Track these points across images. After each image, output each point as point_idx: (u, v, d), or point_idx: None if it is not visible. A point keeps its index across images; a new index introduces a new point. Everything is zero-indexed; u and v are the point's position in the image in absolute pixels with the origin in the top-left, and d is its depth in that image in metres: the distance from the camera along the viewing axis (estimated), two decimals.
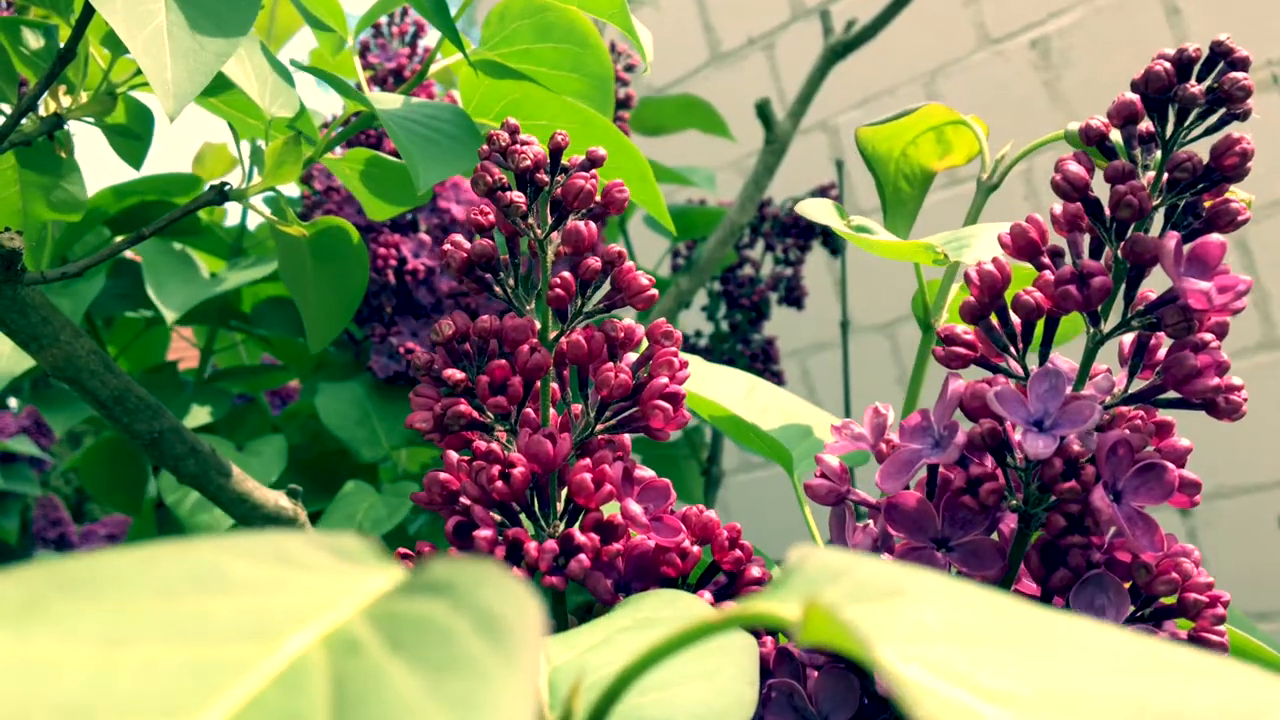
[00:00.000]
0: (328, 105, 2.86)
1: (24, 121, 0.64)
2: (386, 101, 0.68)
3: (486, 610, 0.17)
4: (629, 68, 1.28)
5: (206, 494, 0.60)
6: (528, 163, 0.43)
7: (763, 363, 1.27)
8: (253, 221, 1.69)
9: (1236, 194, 0.48)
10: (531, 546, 0.41)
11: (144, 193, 1.04)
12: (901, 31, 1.44)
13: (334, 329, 0.77)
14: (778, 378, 1.28)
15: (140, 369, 1.15)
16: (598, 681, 0.26)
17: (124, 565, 0.18)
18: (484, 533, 0.41)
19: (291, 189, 1.12)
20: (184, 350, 1.22)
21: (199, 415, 0.99)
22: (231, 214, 1.21)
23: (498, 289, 0.44)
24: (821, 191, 1.29)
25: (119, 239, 0.64)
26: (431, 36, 1.05)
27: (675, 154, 1.61)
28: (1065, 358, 0.41)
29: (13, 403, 1.43)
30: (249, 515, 0.59)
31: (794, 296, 1.29)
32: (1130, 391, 0.40)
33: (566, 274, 0.43)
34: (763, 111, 1.18)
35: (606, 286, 0.45)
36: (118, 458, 1.08)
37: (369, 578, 0.19)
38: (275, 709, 0.16)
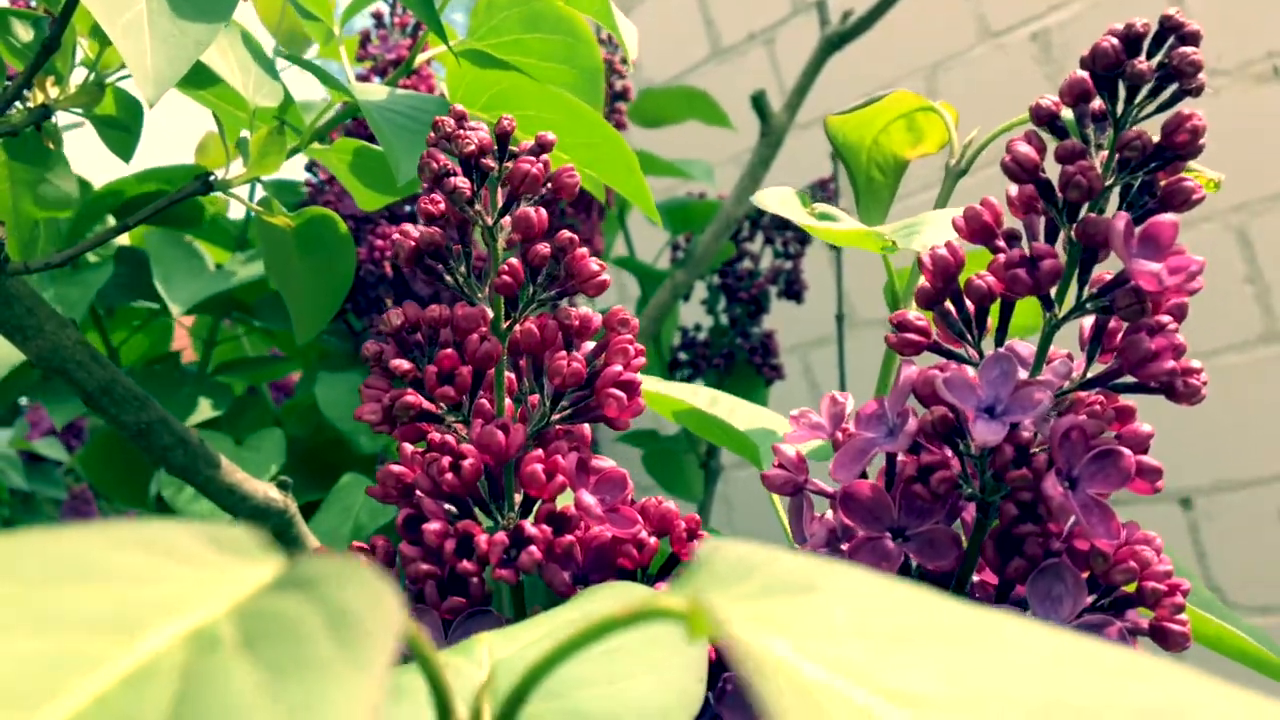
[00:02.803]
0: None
1: (11, 112, 0.64)
2: (370, 92, 0.68)
3: (342, 609, 0.17)
4: (626, 61, 1.28)
5: (195, 485, 0.60)
6: (472, 148, 0.42)
7: (762, 356, 1.27)
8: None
9: (1204, 173, 0.48)
10: (481, 539, 0.40)
11: (151, 183, 1.04)
12: (902, 25, 1.43)
13: (321, 320, 0.77)
14: (777, 371, 1.27)
15: (145, 360, 1.15)
16: (510, 676, 0.25)
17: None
18: (433, 525, 0.40)
19: (294, 172, 1.12)
20: (182, 341, 1.21)
21: (202, 408, 0.99)
22: (236, 207, 1.21)
23: (448, 277, 0.44)
24: (820, 185, 1.28)
25: (113, 227, 0.64)
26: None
27: (675, 147, 1.61)
28: (1024, 343, 0.40)
29: (23, 401, 1.43)
30: (238, 506, 0.59)
31: (793, 290, 1.29)
32: (1088, 376, 0.40)
33: (514, 260, 0.43)
34: (758, 103, 1.18)
35: (560, 273, 0.44)
36: (121, 452, 1.08)
37: (248, 572, 0.19)
38: (117, 709, 0.15)
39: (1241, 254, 1.54)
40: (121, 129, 0.73)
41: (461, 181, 0.43)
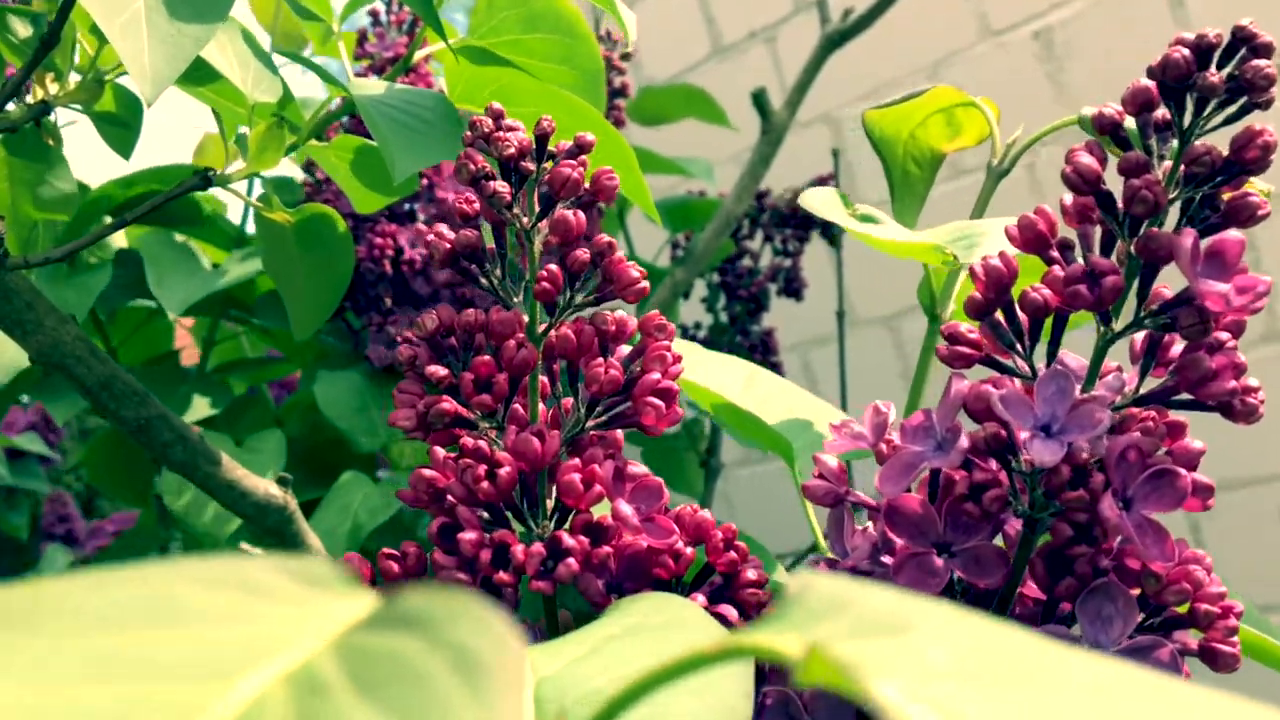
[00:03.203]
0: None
1: (10, 108, 0.64)
2: (367, 88, 0.67)
3: (463, 648, 0.16)
4: (625, 56, 1.27)
5: (195, 481, 0.59)
6: (512, 150, 0.42)
7: (762, 354, 1.27)
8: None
9: (1255, 185, 0.47)
10: (518, 550, 0.39)
11: (149, 183, 1.03)
12: (903, 23, 1.42)
13: (319, 318, 0.76)
14: (777, 369, 1.27)
15: (143, 360, 1.14)
16: (582, 704, 0.24)
17: (68, 593, 0.17)
18: (469, 535, 0.39)
19: (293, 175, 1.11)
20: (184, 340, 1.21)
21: (200, 407, 0.99)
22: (234, 206, 1.20)
23: (484, 281, 0.43)
24: (820, 182, 1.27)
25: (109, 224, 0.63)
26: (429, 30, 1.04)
27: (675, 145, 1.60)
28: (1074, 354, 0.39)
29: (23, 400, 1.42)
30: (238, 503, 0.58)
31: (793, 288, 1.28)
32: (1142, 392, 0.39)
33: (554, 266, 0.42)
34: (758, 100, 1.17)
35: (597, 278, 0.43)
36: (123, 450, 1.07)
37: (337, 607, 0.18)
38: None
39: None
40: (121, 125, 0.72)
41: (501, 186, 0.42)
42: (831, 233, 1.27)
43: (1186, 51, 0.38)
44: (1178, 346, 0.39)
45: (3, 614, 0.16)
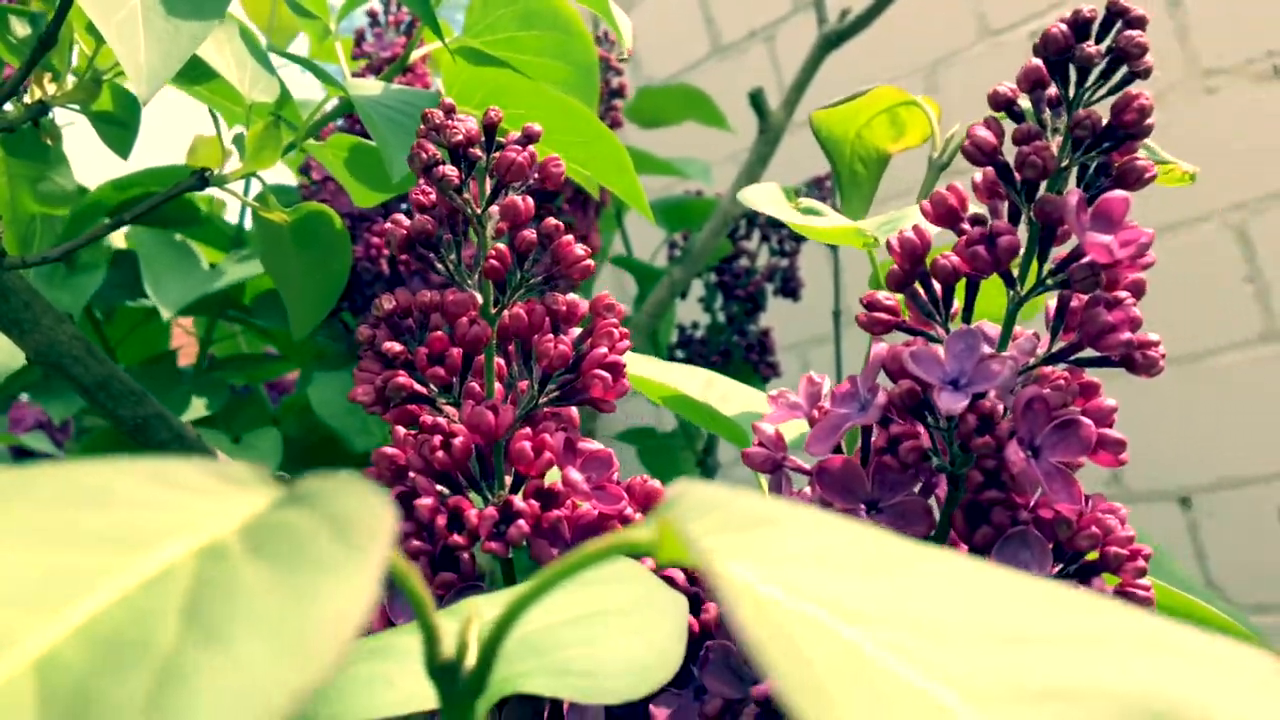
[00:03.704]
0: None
1: (8, 107, 0.65)
2: (364, 87, 0.69)
3: (342, 515, 0.19)
4: (622, 59, 1.28)
5: None
6: (459, 137, 0.44)
7: (758, 354, 1.28)
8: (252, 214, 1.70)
9: (1180, 165, 0.49)
10: (471, 514, 0.42)
11: (147, 184, 1.05)
12: (901, 23, 1.44)
13: (317, 316, 0.78)
14: (774, 369, 1.28)
15: (140, 359, 1.16)
16: (490, 608, 0.27)
17: (12, 478, 0.19)
18: (425, 501, 0.42)
19: (288, 178, 1.13)
20: (181, 339, 1.22)
21: (197, 406, 1.00)
22: (232, 207, 1.22)
23: (439, 265, 0.45)
24: (816, 182, 1.29)
25: (106, 224, 0.65)
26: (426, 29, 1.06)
27: (673, 145, 1.61)
28: (995, 325, 0.41)
29: (24, 398, 1.44)
30: None
31: (790, 287, 1.30)
32: (1051, 351, 0.41)
33: (501, 245, 0.44)
34: (756, 100, 1.18)
35: (546, 259, 0.45)
36: (118, 449, 1.08)
37: (252, 498, 0.20)
38: (135, 608, 0.17)
39: (1241, 253, 1.54)
40: (119, 125, 0.74)
41: (450, 170, 0.44)
42: None
43: (1064, 27, 0.40)
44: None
45: None
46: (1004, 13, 1.80)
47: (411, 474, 0.43)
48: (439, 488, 0.43)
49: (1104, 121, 0.40)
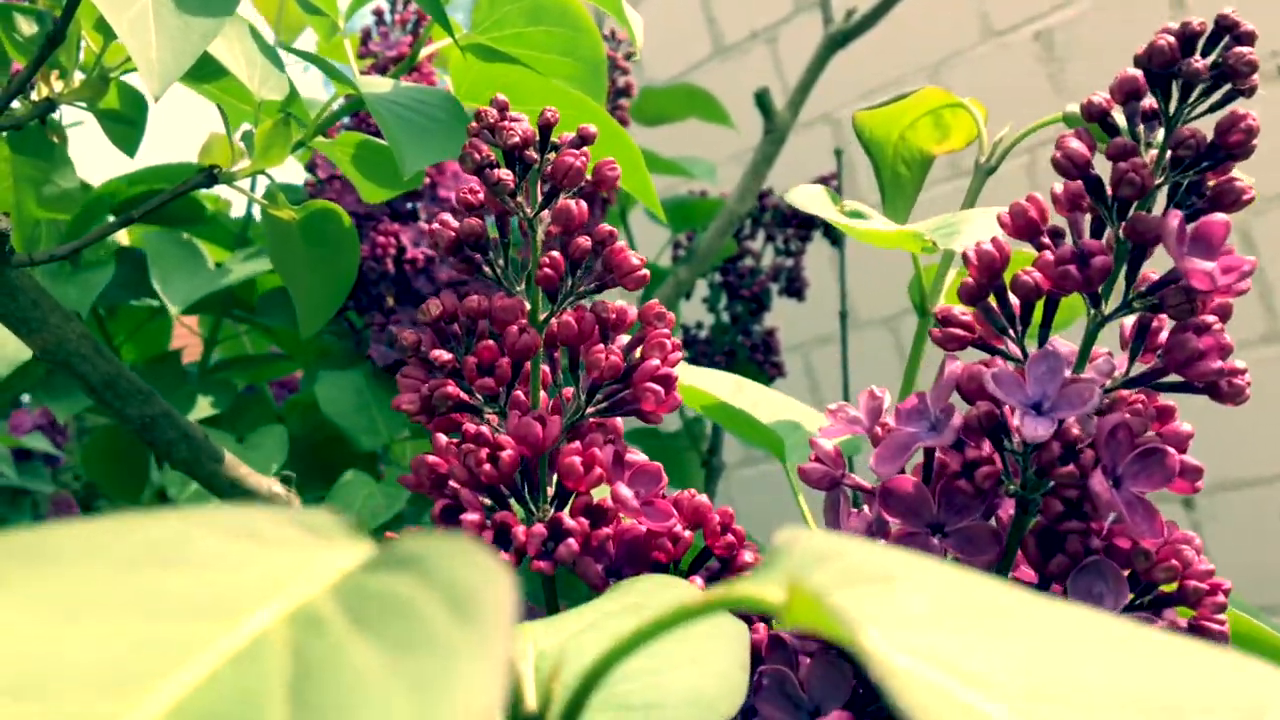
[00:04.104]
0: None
1: (15, 105, 0.64)
2: (374, 85, 0.67)
3: (456, 586, 0.17)
4: (629, 56, 1.27)
5: (198, 479, 0.59)
6: (516, 139, 0.42)
7: (763, 354, 1.27)
8: (259, 213, 1.69)
9: (1239, 177, 0.47)
10: (519, 531, 0.40)
11: (153, 182, 1.03)
12: (905, 23, 1.43)
13: (325, 313, 0.76)
14: (779, 369, 1.27)
15: (144, 358, 1.15)
16: (578, 665, 0.25)
17: (84, 536, 0.17)
18: (471, 516, 0.40)
19: (295, 176, 1.12)
20: (186, 338, 1.21)
21: (202, 406, 0.99)
22: (237, 206, 1.21)
23: (487, 269, 0.43)
24: (822, 181, 1.28)
25: (114, 221, 0.63)
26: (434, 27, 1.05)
27: (677, 145, 1.60)
28: (1066, 341, 0.40)
29: (26, 398, 1.42)
30: (242, 501, 0.59)
31: (795, 288, 1.29)
32: (1131, 375, 0.40)
33: (555, 253, 0.42)
34: (761, 101, 1.17)
35: (598, 267, 0.44)
36: (119, 448, 1.07)
37: (339, 553, 0.19)
38: (231, 686, 0.15)
39: (1244, 253, 1.53)
40: (126, 123, 0.73)
41: (505, 173, 0.42)
42: (834, 233, 1.27)
43: (1172, 39, 0.38)
44: (1165, 332, 0.39)
45: (19, 552, 0.17)
46: (1007, 13, 1.80)
47: (454, 484, 0.42)
48: (484, 500, 0.42)
49: (1207, 140, 0.38)
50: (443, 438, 0.43)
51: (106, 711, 0.14)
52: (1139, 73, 0.39)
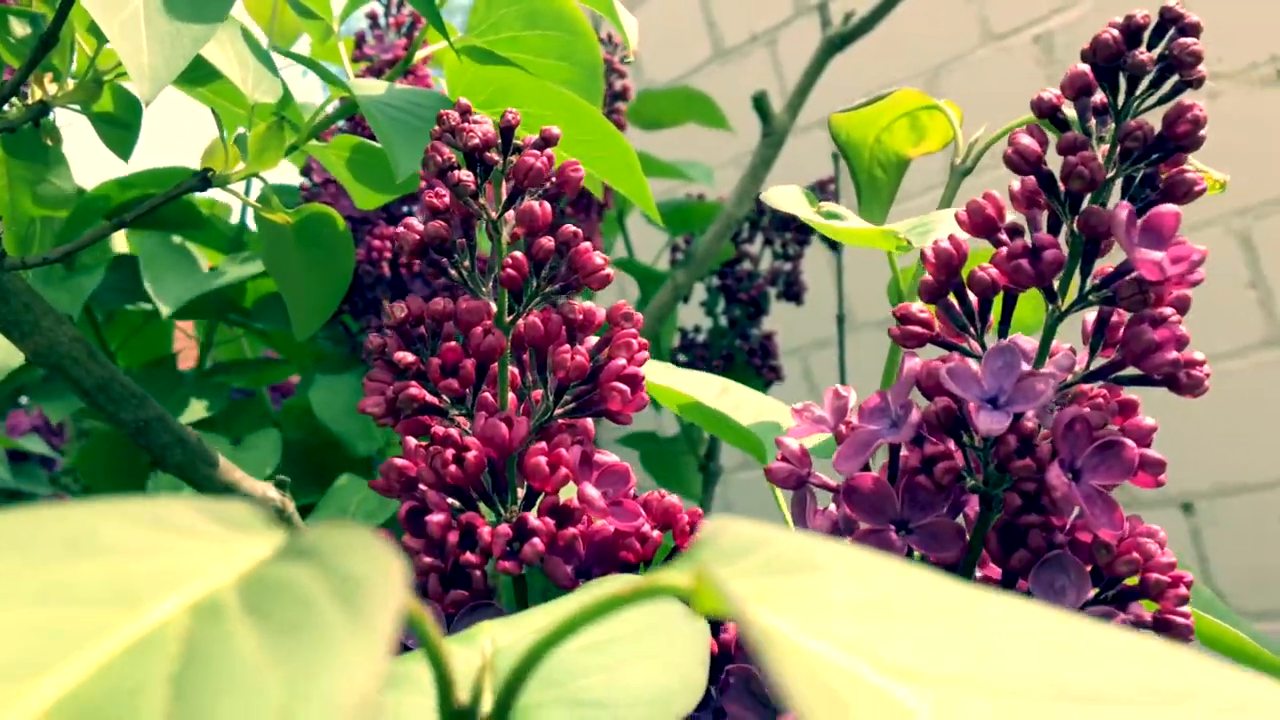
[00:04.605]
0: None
1: (8, 108, 0.64)
2: (368, 87, 0.68)
3: (346, 574, 0.17)
4: (625, 60, 1.28)
5: (193, 484, 0.59)
6: (476, 141, 0.42)
7: (761, 358, 1.27)
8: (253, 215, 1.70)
9: (1210, 174, 0.48)
10: (485, 531, 0.40)
11: (146, 185, 1.04)
12: (904, 27, 1.43)
13: (320, 317, 0.77)
14: (776, 373, 1.27)
15: (141, 363, 1.15)
16: (513, 656, 0.25)
17: None
18: (436, 517, 0.40)
19: (292, 179, 1.12)
20: (182, 343, 1.21)
21: (196, 409, 0.99)
22: (233, 210, 1.21)
23: (453, 272, 0.43)
24: (820, 186, 1.28)
25: (107, 225, 0.64)
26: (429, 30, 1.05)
27: (675, 149, 1.60)
28: (1030, 339, 0.40)
29: (24, 400, 1.43)
30: None
31: (793, 291, 1.29)
32: (1091, 369, 0.40)
33: (519, 254, 0.43)
34: (759, 104, 1.17)
35: (563, 267, 0.44)
36: (117, 452, 1.08)
37: (251, 545, 0.19)
38: (119, 678, 0.15)
39: (1244, 258, 1.53)
40: (120, 127, 0.73)
41: (465, 175, 0.42)
42: None
43: (1116, 33, 0.38)
44: (1123, 328, 0.39)
45: None
46: (1006, 17, 1.80)
47: (422, 487, 0.42)
48: (451, 502, 0.42)
49: (1155, 132, 0.38)
50: (412, 441, 0.43)
51: None
52: (1087, 67, 0.39)
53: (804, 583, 0.20)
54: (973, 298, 0.40)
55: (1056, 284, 0.39)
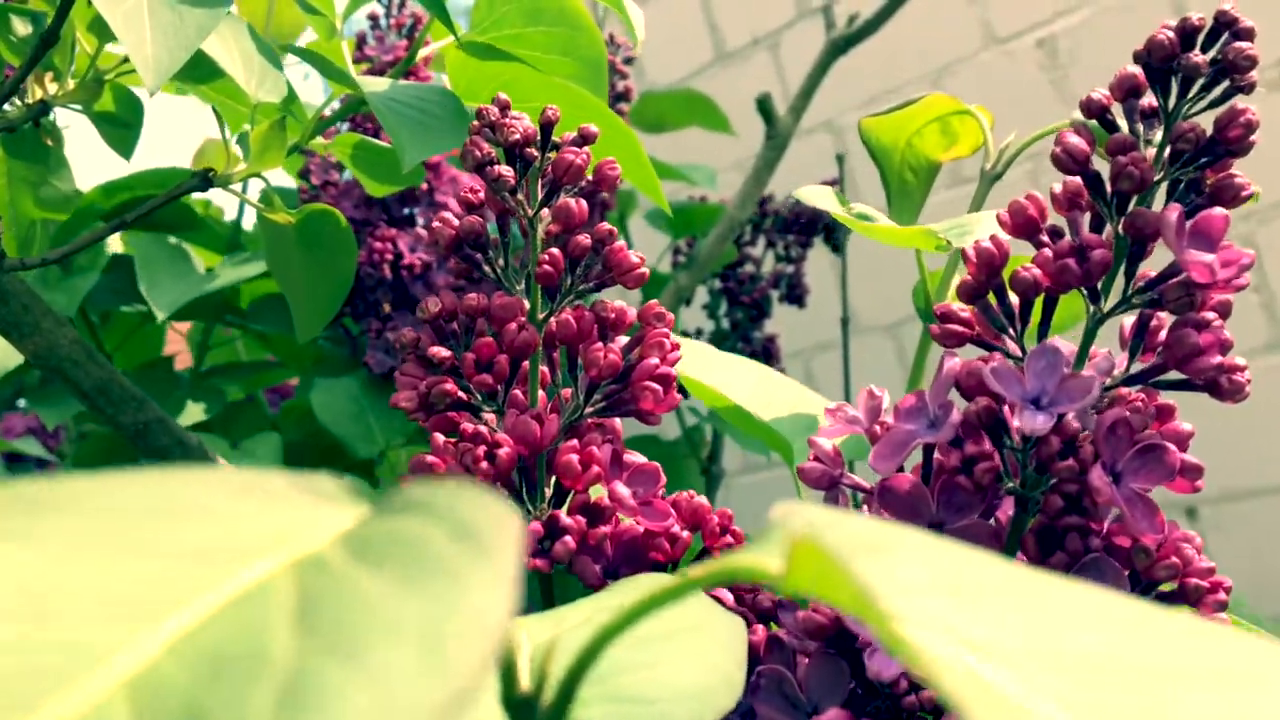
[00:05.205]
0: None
1: (8, 108, 0.64)
2: (374, 84, 0.67)
3: (462, 521, 0.17)
4: (628, 60, 1.27)
5: None
6: (516, 137, 0.42)
7: (763, 360, 1.26)
8: (250, 218, 1.69)
9: (1238, 173, 0.47)
10: None
11: (141, 187, 1.03)
12: (907, 30, 1.43)
13: (322, 319, 0.76)
14: None
15: (136, 365, 1.14)
16: (571, 650, 0.25)
17: (87, 488, 0.18)
18: None
19: (288, 184, 1.11)
20: (179, 346, 1.21)
21: (193, 412, 0.98)
22: (229, 211, 1.20)
23: (487, 268, 0.43)
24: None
25: (106, 226, 0.63)
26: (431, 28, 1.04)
27: (677, 151, 1.60)
28: (1068, 342, 0.40)
29: (21, 403, 1.42)
30: None
31: (795, 294, 1.28)
32: (1131, 372, 0.39)
33: (555, 251, 0.42)
34: (763, 106, 1.17)
35: (598, 265, 0.44)
36: (114, 455, 1.07)
37: (342, 513, 0.19)
38: (237, 619, 0.15)
39: None
40: (121, 126, 0.73)
41: (505, 170, 0.42)
42: (835, 239, 1.27)
43: (1171, 34, 0.38)
44: (1165, 330, 0.39)
45: (25, 499, 0.17)
46: (1010, 20, 1.80)
47: None
48: None
49: (1207, 135, 0.38)
50: (440, 437, 0.43)
51: (108, 640, 0.14)
52: (1138, 69, 0.39)
53: (882, 563, 0.20)
54: (1013, 299, 0.40)
55: (1099, 286, 0.39)
